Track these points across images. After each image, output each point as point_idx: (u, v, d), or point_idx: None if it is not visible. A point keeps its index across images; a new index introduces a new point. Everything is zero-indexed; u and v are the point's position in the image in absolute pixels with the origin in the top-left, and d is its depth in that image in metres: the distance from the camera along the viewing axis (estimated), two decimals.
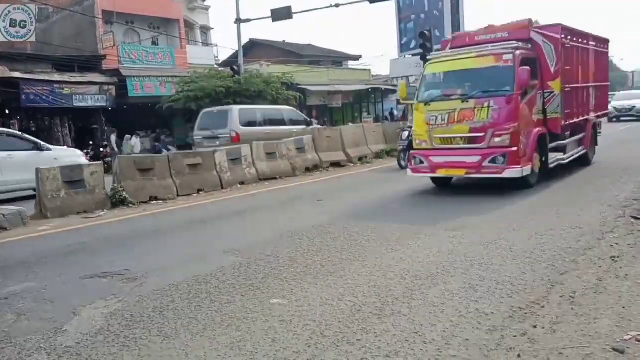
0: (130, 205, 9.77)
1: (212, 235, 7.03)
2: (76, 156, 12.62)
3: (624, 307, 3.60)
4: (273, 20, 21.66)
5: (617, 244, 5.17)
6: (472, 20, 70.65)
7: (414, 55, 32.37)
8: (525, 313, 3.62)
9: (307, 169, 14.13)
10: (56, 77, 20.89)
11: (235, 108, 15.90)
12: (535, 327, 3.38)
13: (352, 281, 4.56)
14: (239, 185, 11.93)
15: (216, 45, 33.66)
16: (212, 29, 33.81)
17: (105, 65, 22.97)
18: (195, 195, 10.92)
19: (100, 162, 12.11)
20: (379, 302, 4.00)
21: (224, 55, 36.88)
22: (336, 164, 15.02)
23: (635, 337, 3.13)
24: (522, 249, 5.21)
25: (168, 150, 19.61)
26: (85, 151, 20.29)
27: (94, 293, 4.69)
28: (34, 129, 20.40)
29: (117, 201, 9.76)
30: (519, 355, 3.01)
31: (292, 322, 3.72)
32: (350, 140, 16.05)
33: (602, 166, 11.15)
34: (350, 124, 25.85)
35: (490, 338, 3.26)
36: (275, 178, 12.93)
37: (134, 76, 22.80)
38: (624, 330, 3.23)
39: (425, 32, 19.75)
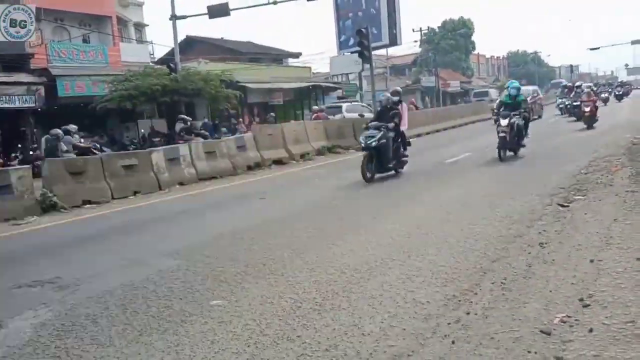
0: (62, 210, 9.36)
1: (150, 238, 6.85)
2: None
3: (551, 291, 3.78)
4: (210, 17, 21.29)
5: (545, 231, 5.43)
6: (409, 19, 72.18)
7: (352, 52, 32.79)
8: (459, 300, 3.74)
9: (249, 167, 13.99)
10: None
11: None
12: (468, 313, 3.49)
13: (292, 278, 4.56)
14: (177, 186, 11.67)
15: (151, 43, 32.63)
16: (147, 25, 32.82)
17: (33, 65, 21.83)
18: (131, 197, 10.58)
19: (28, 165, 11.51)
20: (319, 298, 4.02)
21: (159, 53, 35.87)
22: (278, 162, 14.96)
23: (561, 318, 3.29)
24: (456, 238, 5.38)
25: (102, 151, 18.91)
26: (14, 155, 19.25)
27: (22, 303, 4.46)
28: None
29: (47, 206, 9.32)
30: (453, 342, 3.10)
31: (232, 322, 3.68)
32: (291, 137, 16.03)
33: (530, 158, 11.67)
34: (292, 121, 25.83)
35: (426, 326, 3.35)
36: (216, 177, 12.72)
37: (64, 75, 21.80)
38: (551, 313, 3.39)
39: (363, 29, 19.98)
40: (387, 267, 4.63)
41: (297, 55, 41.45)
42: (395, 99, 10.93)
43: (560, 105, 25.45)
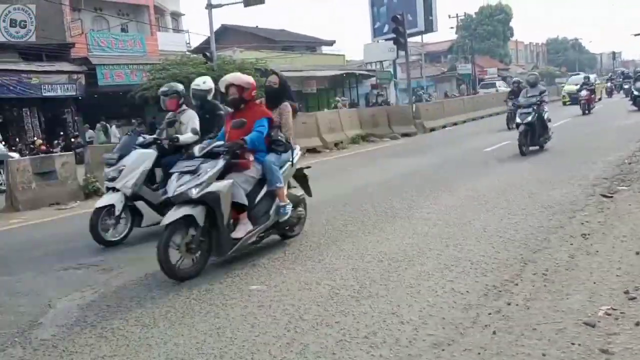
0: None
1: None
2: None
3: (594, 283, 3.70)
4: (245, 5, 21.38)
5: (587, 221, 5.30)
6: (445, 5, 70.89)
7: (387, 39, 32.49)
8: (500, 291, 3.69)
9: None
10: (23, 66, 20.31)
11: None
12: (509, 304, 3.45)
13: (330, 265, 4.59)
14: None
15: (187, 32, 33.14)
16: (183, 14, 33.30)
17: (74, 54, 22.41)
18: None
19: (71, 152, 11.86)
20: (356, 285, 4.04)
21: (195, 42, 36.28)
22: (312, 150, 15.00)
23: (606, 311, 3.22)
24: (495, 229, 5.31)
25: None
26: (56, 142, 19.85)
27: (69, 285, 4.63)
28: (1, 120, 19.90)
29: (90, 191, 9.60)
30: (494, 332, 3.07)
31: (271, 307, 3.73)
32: (325, 126, 16.04)
33: (571, 147, 11.38)
34: (326, 110, 25.85)
35: (465, 316, 3.33)
36: None
37: (103, 64, 22.32)
38: (595, 305, 3.32)
39: (398, 16, 19.75)
40: (424, 257, 4.61)
41: (331, 43, 41.33)
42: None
43: None
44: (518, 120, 10.75)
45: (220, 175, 4.59)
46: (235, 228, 4.75)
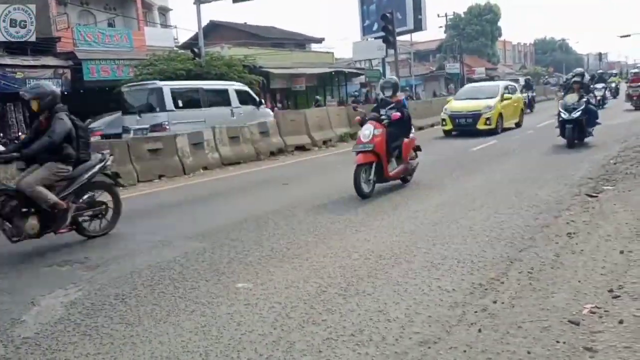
0: None
1: (175, 221, 6.92)
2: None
3: (579, 282, 3.73)
4: (234, 1, 21.24)
5: (573, 221, 5.35)
6: (434, 4, 71.12)
7: (376, 38, 32.47)
8: (486, 289, 3.72)
9: (272, 153, 14.03)
10: (7, 60, 20.00)
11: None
12: (495, 302, 3.47)
13: (317, 263, 4.58)
14: (201, 170, 11.76)
15: (175, 27, 32.81)
16: (171, 10, 32.93)
17: (60, 48, 22.11)
18: (156, 181, 10.70)
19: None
20: (343, 283, 4.04)
21: (183, 38, 36.08)
22: (301, 148, 14.97)
23: (590, 309, 3.25)
24: (482, 227, 5.34)
25: None
26: None
27: (52, 282, 4.56)
28: None
29: None
30: (479, 330, 3.09)
31: (258, 305, 3.72)
32: (314, 124, 15.99)
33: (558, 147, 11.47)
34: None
35: (452, 314, 3.34)
36: (239, 162, 12.79)
37: (89, 59, 22.06)
38: (580, 304, 3.36)
39: (387, 14, 19.77)
40: (411, 255, 4.62)
41: (320, 40, 41.32)
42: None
43: None
44: None
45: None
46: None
